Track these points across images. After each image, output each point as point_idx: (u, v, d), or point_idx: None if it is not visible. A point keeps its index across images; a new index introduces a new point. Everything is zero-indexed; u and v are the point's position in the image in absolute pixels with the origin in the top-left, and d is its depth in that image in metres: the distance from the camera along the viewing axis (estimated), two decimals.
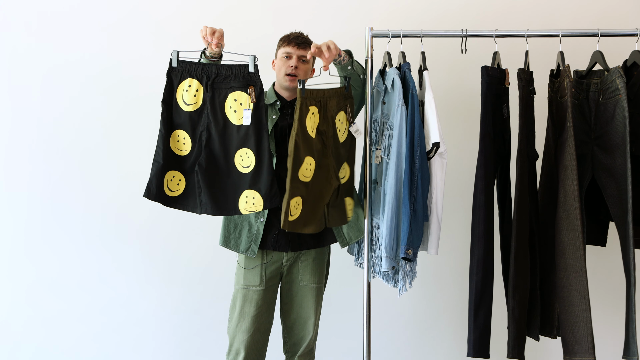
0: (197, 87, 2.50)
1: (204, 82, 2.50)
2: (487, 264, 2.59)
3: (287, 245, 2.67)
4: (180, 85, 2.50)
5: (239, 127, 2.50)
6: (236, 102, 2.50)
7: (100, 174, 3.39)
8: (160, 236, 3.42)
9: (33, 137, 3.38)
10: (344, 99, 2.61)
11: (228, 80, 2.50)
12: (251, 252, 2.67)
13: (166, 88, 2.50)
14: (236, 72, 2.50)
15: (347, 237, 2.72)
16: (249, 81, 2.50)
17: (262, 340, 2.72)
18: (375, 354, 3.30)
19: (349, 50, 2.64)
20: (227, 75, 2.50)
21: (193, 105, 2.50)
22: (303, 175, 2.51)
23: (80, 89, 3.37)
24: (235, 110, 2.51)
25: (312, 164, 2.52)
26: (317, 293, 2.74)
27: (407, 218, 2.50)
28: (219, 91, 2.51)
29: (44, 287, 3.41)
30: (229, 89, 2.50)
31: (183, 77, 2.50)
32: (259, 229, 2.67)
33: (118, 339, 3.43)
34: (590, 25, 3.06)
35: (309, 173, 2.53)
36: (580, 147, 2.65)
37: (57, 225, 3.40)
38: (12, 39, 3.37)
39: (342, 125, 2.61)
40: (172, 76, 2.49)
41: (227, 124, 2.52)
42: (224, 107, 2.51)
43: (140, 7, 3.37)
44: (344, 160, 2.66)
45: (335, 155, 2.61)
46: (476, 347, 2.59)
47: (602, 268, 3.30)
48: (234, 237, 2.69)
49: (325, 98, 2.54)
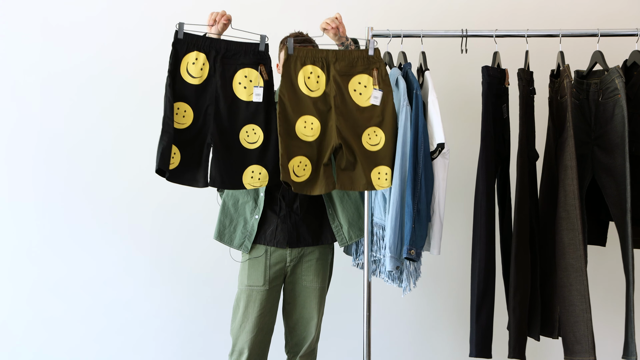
0: (204, 61, 2.47)
1: (211, 56, 2.48)
2: (489, 264, 2.59)
3: (284, 241, 2.67)
4: (186, 58, 2.46)
5: (248, 103, 2.50)
6: (246, 79, 2.50)
7: (105, 175, 3.38)
8: (165, 238, 3.42)
9: (36, 138, 3.38)
10: (368, 62, 2.53)
11: (237, 56, 2.49)
12: (244, 248, 2.68)
13: (171, 59, 2.44)
14: (246, 49, 2.50)
15: (347, 236, 2.72)
16: (259, 59, 2.50)
17: (265, 340, 2.72)
18: (376, 354, 3.30)
19: (355, 39, 2.64)
20: (236, 51, 2.49)
21: (199, 78, 2.47)
22: (303, 134, 2.49)
23: (86, 91, 3.37)
24: (245, 86, 2.50)
25: (315, 123, 2.50)
26: (320, 294, 2.74)
27: (410, 218, 2.50)
28: (228, 66, 2.49)
29: (46, 288, 3.40)
30: (239, 65, 2.49)
31: (189, 50, 2.46)
32: (253, 226, 2.67)
33: (121, 340, 3.43)
34: (590, 25, 3.06)
35: (310, 132, 2.50)
36: (580, 147, 2.65)
37: (60, 226, 3.39)
38: (18, 42, 3.37)
39: (365, 89, 2.52)
40: (178, 48, 2.45)
41: (235, 100, 2.50)
42: (232, 82, 2.50)
43: (146, 13, 3.37)
44: (374, 124, 2.52)
45: (354, 119, 2.51)
46: (478, 347, 2.59)
47: (602, 268, 3.30)
48: (228, 232, 2.69)
49: (327, 58, 2.51)
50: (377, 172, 2.52)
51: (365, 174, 2.50)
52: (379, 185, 2.52)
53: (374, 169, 2.52)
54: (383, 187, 2.52)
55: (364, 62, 2.52)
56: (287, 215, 2.68)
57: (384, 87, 2.51)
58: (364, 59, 2.52)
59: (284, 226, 2.67)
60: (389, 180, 2.51)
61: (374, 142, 2.52)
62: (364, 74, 2.52)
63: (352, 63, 2.52)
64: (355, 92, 2.51)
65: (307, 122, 2.50)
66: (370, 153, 2.52)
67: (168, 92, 2.43)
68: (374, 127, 2.52)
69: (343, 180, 2.51)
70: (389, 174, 2.51)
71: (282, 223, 2.68)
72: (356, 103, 2.52)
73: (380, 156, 2.52)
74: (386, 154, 2.51)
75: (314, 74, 2.50)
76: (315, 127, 2.50)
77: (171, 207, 3.38)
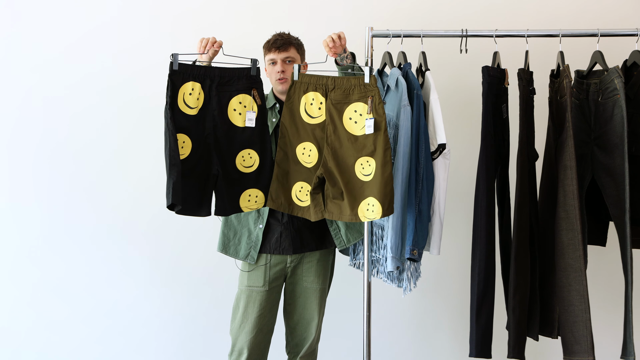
0: (200, 90, 2.49)
1: (206, 85, 2.49)
2: (489, 264, 2.59)
3: (289, 247, 2.68)
4: (182, 88, 2.47)
5: (244, 129, 2.52)
6: (240, 105, 2.52)
7: (107, 178, 3.38)
8: (166, 239, 3.42)
9: (38, 140, 3.38)
10: (364, 90, 2.48)
11: (231, 82, 2.51)
12: (250, 259, 2.68)
13: (168, 91, 2.45)
14: (239, 75, 2.51)
15: (345, 239, 2.71)
16: (252, 83, 2.52)
17: (264, 340, 2.72)
18: (376, 354, 3.30)
19: (353, 53, 2.64)
20: (230, 78, 2.51)
21: (195, 108, 2.49)
22: (303, 160, 2.52)
23: (91, 96, 3.37)
24: (240, 112, 2.52)
25: (313, 150, 2.51)
26: (321, 295, 2.74)
27: (412, 218, 2.50)
28: (223, 94, 2.51)
29: (48, 290, 3.40)
30: (233, 92, 2.51)
31: (185, 80, 2.47)
32: (258, 236, 2.68)
33: (122, 341, 3.43)
34: (590, 25, 3.06)
35: (309, 159, 2.52)
36: (580, 147, 2.65)
37: (61, 228, 3.39)
38: (24, 46, 3.37)
39: (360, 117, 2.48)
40: (174, 79, 2.46)
41: (231, 127, 2.52)
42: (228, 109, 2.52)
43: (153, 20, 3.38)
44: (367, 154, 2.46)
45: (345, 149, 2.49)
46: (478, 347, 2.59)
47: (602, 268, 3.30)
48: (233, 244, 2.70)
49: (327, 85, 2.51)
50: (367, 203, 2.45)
51: (351, 205, 2.46)
52: (366, 217, 2.45)
53: (364, 200, 2.46)
54: (370, 219, 2.44)
55: (361, 90, 2.48)
56: (290, 222, 2.68)
57: (377, 117, 2.46)
58: (361, 86, 2.48)
59: (287, 233, 2.68)
60: (377, 212, 2.40)
61: (366, 172, 2.47)
62: (359, 102, 2.48)
63: (348, 91, 2.49)
64: (350, 121, 2.49)
65: (306, 149, 2.52)
66: (362, 183, 2.47)
67: (170, 125, 2.42)
68: (367, 156, 2.47)
69: (331, 209, 2.51)
70: (377, 206, 2.41)
71: (285, 230, 2.68)
72: (349, 132, 2.49)
73: (370, 187, 2.46)
74: (375, 185, 2.44)
75: (316, 100, 2.51)
76: (313, 154, 2.52)
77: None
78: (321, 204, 2.52)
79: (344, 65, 2.60)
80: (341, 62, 2.60)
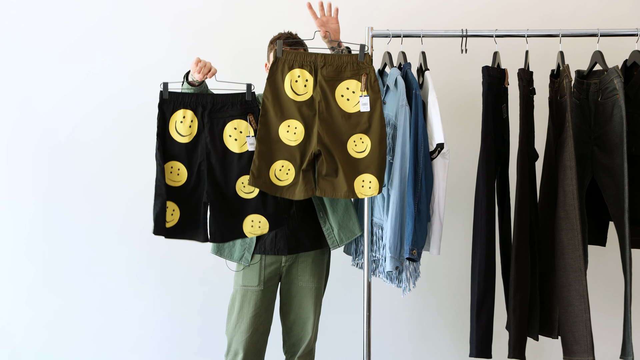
0: (192, 118, 2.49)
1: (198, 112, 2.50)
2: (489, 263, 2.59)
3: (285, 248, 2.67)
4: (173, 117, 2.48)
5: (241, 155, 2.53)
6: (236, 131, 2.52)
7: (103, 177, 3.38)
8: (161, 239, 3.38)
9: (37, 140, 3.38)
10: (357, 67, 2.49)
11: (225, 109, 2.51)
12: (245, 260, 2.68)
13: (159, 121, 2.47)
14: (233, 101, 2.52)
15: (338, 239, 2.71)
16: (247, 109, 2.52)
17: (260, 340, 2.72)
18: (375, 354, 3.30)
19: (348, 47, 2.64)
20: (223, 104, 2.51)
21: (188, 136, 2.50)
22: (286, 138, 2.49)
23: (90, 96, 3.37)
24: (235, 138, 2.52)
25: (299, 128, 2.49)
26: (317, 294, 2.74)
27: (411, 218, 2.50)
28: (217, 120, 2.51)
29: (45, 288, 3.40)
30: (228, 118, 2.52)
31: (176, 108, 2.48)
32: (252, 238, 2.67)
33: (119, 339, 3.43)
34: (590, 25, 3.06)
35: (294, 137, 2.49)
36: (580, 147, 2.65)
37: (58, 227, 3.39)
38: (23, 47, 3.37)
39: (353, 95, 2.48)
40: (164, 108, 2.48)
41: (227, 153, 2.53)
42: (223, 135, 2.52)
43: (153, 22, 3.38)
44: (360, 131, 2.48)
45: (339, 126, 2.49)
46: (479, 347, 2.59)
47: (602, 268, 3.30)
48: (228, 246, 2.69)
49: (316, 62, 2.49)
50: (362, 179, 2.48)
51: (347, 181, 2.47)
52: (363, 193, 2.48)
53: (359, 176, 2.48)
54: (367, 195, 2.48)
55: (353, 67, 2.49)
56: (285, 222, 2.68)
57: (372, 94, 2.47)
58: (354, 64, 2.49)
59: (282, 234, 2.67)
60: (375, 188, 2.46)
61: (359, 149, 2.48)
62: (352, 79, 2.49)
63: (340, 68, 2.49)
64: (343, 98, 2.49)
65: (291, 127, 2.49)
66: (355, 160, 2.49)
67: (158, 155, 2.47)
68: (360, 134, 2.48)
69: (324, 187, 2.50)
70: (374, 182, 2.45)
71: (280, 230, 2.67)
72: (342, 109, 2.49)
73: (365, 164, 2.48)
74: (372, 161, 2.46)
75: (302, 78, 2.48)
76: (298, 132, 2.49)
77: None
78: (312, 181, 2.51)
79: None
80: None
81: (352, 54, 2.50)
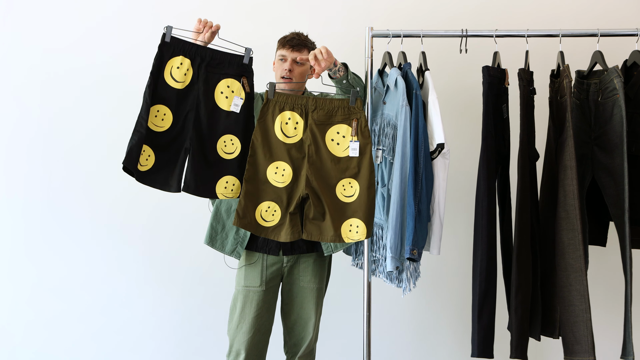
0: (188, 67, 2.47)
1: (196, 63, 2.48)
2: (491, 263, 2.59)
3: (277, 248, 2.67)
4: (171, 61, 2.46)
5: (228, 113, 2.50)
6: (228, 89, 2.50)
7: (103, 176, 3.38)
8: (161, 238, 3.42)
9: (33, 138, 3.38)
10: (348, 112, 2.50)
11: (222, 65, 2.50)
12: (236, 254, 2.67)
13: (155, 61, 2.44)
14: (230, 60, 2.50)
15: (333, 245, 2.70)
16: (242, 71, 2.51)
17: (262, 341, 2.72)
18: (376, 354, 3.30)
19: (345, 63, 2.62)
20: (221, 60, 2.50)
21: (182, 83, 2.47)
22: (274, 179, 2.48)
23: (86, 94, 3.37)
24: (227, 96, 2.50)
25: (287, 170, 2.48)
26: (318, 294, 2.74)
27: (412, 218, 2.50)
28: (212, 75, 2.49)
29: (45, 288, 3.40)
30: (222, 75, 2.50)
31: (175, 54, 2.46)
32: (246, 232, 2.67)
33: (119, 339, 3.43)
34: (590, 25, 3.06)
35: (281, 178, 2.49)
36: (581, 147, 2.65)
37: (57, 226, 3.39)
38: (20, 44, 3.37)
39: (343, 139, 2.49)
40: (164, 50, 2.45)
41: (215, 108, 2.51)
42: (215, 91, 2.50)
43: (149, 17, 3.38)
44: (349, 176, 2.48)
45: (327, 170, 2.49)
46: (480, 347, 2.59)
47: (603, 268, 3.30)
48: (220, 238, 2.69)
49: (307, 106, 2.49)
50: (349, 224, 2.47)
51: (334, 225, 2.46)
52: (350, 237, 2.47)
53: (346, 221, 2.48)
54: (354, 240, 2.47)
55: (344, 112, 2.49)
56: None
57: (362, 139, 2.47)
58: (345, 108, 2.49)
59: None
60: (362, 233, 2.45)
61: (348, 193, 2.48)
62: (343, 124, 2.49)
63: (331, 112, 2.49)
64: (333, 142, 2.49)
65: (279, 168, 2.49)
66: (343, 204, 2.48)
67: (147, 92, 2.43)
68: (350, 178, 2.48)
69: (310, 230, 2.49)
70: (361, 227, 2.45)
71: None
72: (332, 153, 2.49)
73: (353, 208, 2.47)
74: (360, 206, 2.46)
75: (292, 120, 2.48)
76: (286, 174, 2.49)
77: (167, 208, 3.38)
78: (299, 224, 2.50)
79: (337, 78, 2.57)
80: (334, 75, 2.58)
81: (344, 99, 2.50)
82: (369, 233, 2.45)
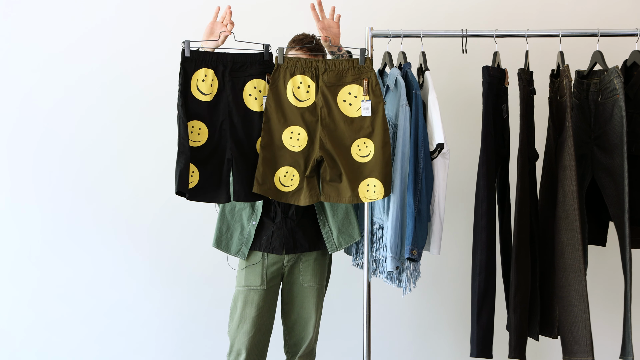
0: (213, 77, 2.49)
1: (219, 71, 2.50)
2: (490, 263, 2.59)
3: (280, 247, 2.67)
4: (195, 75, 2.47)
5: (261, 113, 2.52)
6: (255, 90, 2.52)
7: (108, 179, 3.38)
8: (166, 240, 3.42)
9: (38, 141, 3.38)
10: (358, 72, 2.50)
11: (245, 68, 2.51)
12: (241, 255, 2.68)
13: (180, 78, 2.46)
14: (252, 60, 2.52)
15: (337, 243, 2.71)
16: (265, 68, 2.52)
17: (263, 340, 2.72)
18: (376, 355, 3.30)
19: (349, 51, 2.64)
20: (243, 63, 2.51)
21: (210, 95, 2.49)
22: (290, 144, 2.50)
23: (94, 97, 3.38)
24: (255, 97, 2.52)
25: (302, 134, 2.50)
26: (318, 294, 2.74)
27: (411, 218, 2.50)
28: (237, 79, 2.51)
29: (48, 290, 3.41)
30: (247, 77, 2.51)
31: (197, 67, 2.47)
32: (250, 232, 2.67)
33: (122, 341, 3.43)
34: (590, 25, 3.06)
35: (297, 142, 2.50)
36: (580, 147, 2.65)
37: (61, 228, 3.40)
38: (27, 47, 3.37)
39: (355, 99, 2.49)
40: (186, 66, 2.47)
41: (247, 112, 2.52)
42: (243, 95, 2.52)
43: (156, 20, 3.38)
44: (364, 136, 2.49)
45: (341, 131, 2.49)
46: (479, 347, 2.59)
47: (602, 268, 3.30)
48: (225, 239, 2.70)
49: (317, 68, 2.50)
50: (366, 184, 2.49)
51: (351, 186, 2.48)
52: (367, 197, 2.49)
53: (363, 181, 2.49)
54: (372, 199, 2.49)
55: (354, 72, 2.49)
56: (283, 222, 2.68)
57: (374, 98, 2.48)
58: (355, 68, 2.49)
59: (279, 232, 2.67)
60: (380, 192, 2.47)
61: (363, 153, 2.49)
62: (354, 84, 2.49)
63: (341, 73, 2.50)
64: (345, 103, 2.49)
65: (294, 133, 2.50)
66: (359, 165, 2.50)
67: (181, 112, 2.45)
68: (364, 138, 2.49)
69: (328, 192, 2.51)
70: (379, 186, 2.47)
71: (278, 229, 2.67)
72: (345, 114, 2.50)
73: (369, 168, 2.49)
74: (376, 165, 2.47)
75: (304, 84, 2.49)
76: (302, 138, 2.50)
77: (173, 210, 3.38)
78: (316, 187, 2.52)
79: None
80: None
81: (353, 59, 2.51)
82: (387, 192, 2.47)
